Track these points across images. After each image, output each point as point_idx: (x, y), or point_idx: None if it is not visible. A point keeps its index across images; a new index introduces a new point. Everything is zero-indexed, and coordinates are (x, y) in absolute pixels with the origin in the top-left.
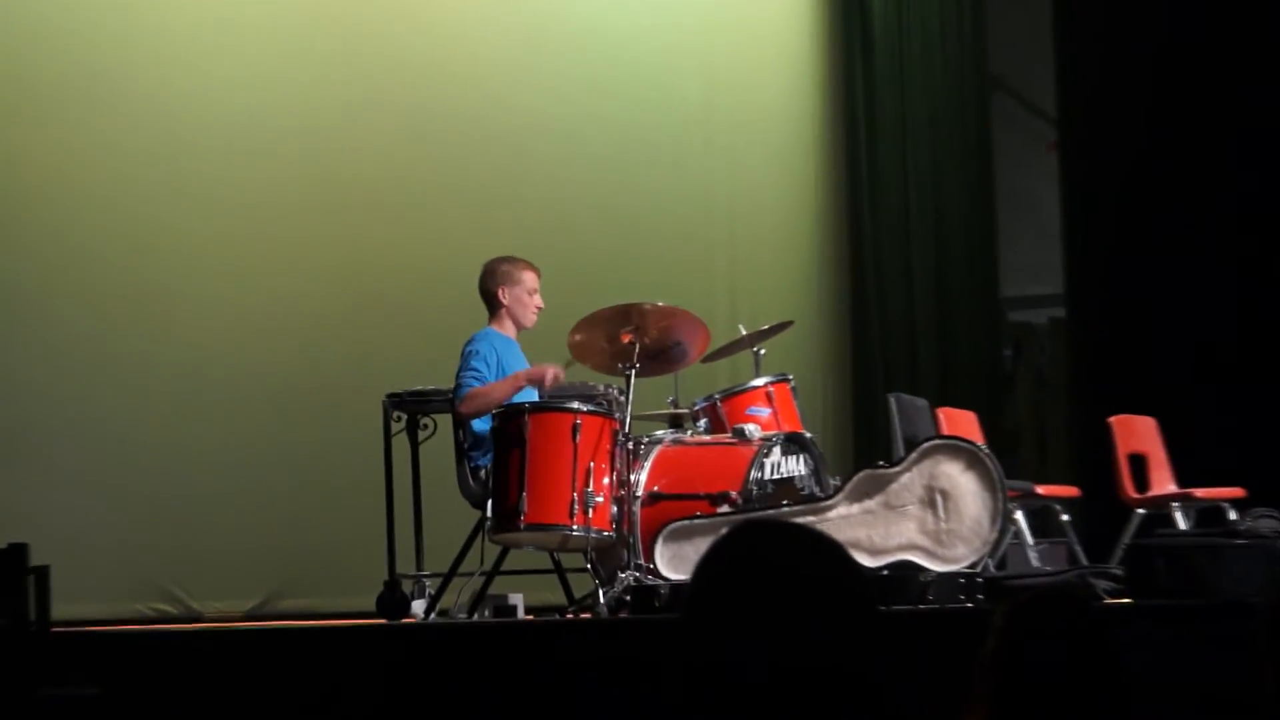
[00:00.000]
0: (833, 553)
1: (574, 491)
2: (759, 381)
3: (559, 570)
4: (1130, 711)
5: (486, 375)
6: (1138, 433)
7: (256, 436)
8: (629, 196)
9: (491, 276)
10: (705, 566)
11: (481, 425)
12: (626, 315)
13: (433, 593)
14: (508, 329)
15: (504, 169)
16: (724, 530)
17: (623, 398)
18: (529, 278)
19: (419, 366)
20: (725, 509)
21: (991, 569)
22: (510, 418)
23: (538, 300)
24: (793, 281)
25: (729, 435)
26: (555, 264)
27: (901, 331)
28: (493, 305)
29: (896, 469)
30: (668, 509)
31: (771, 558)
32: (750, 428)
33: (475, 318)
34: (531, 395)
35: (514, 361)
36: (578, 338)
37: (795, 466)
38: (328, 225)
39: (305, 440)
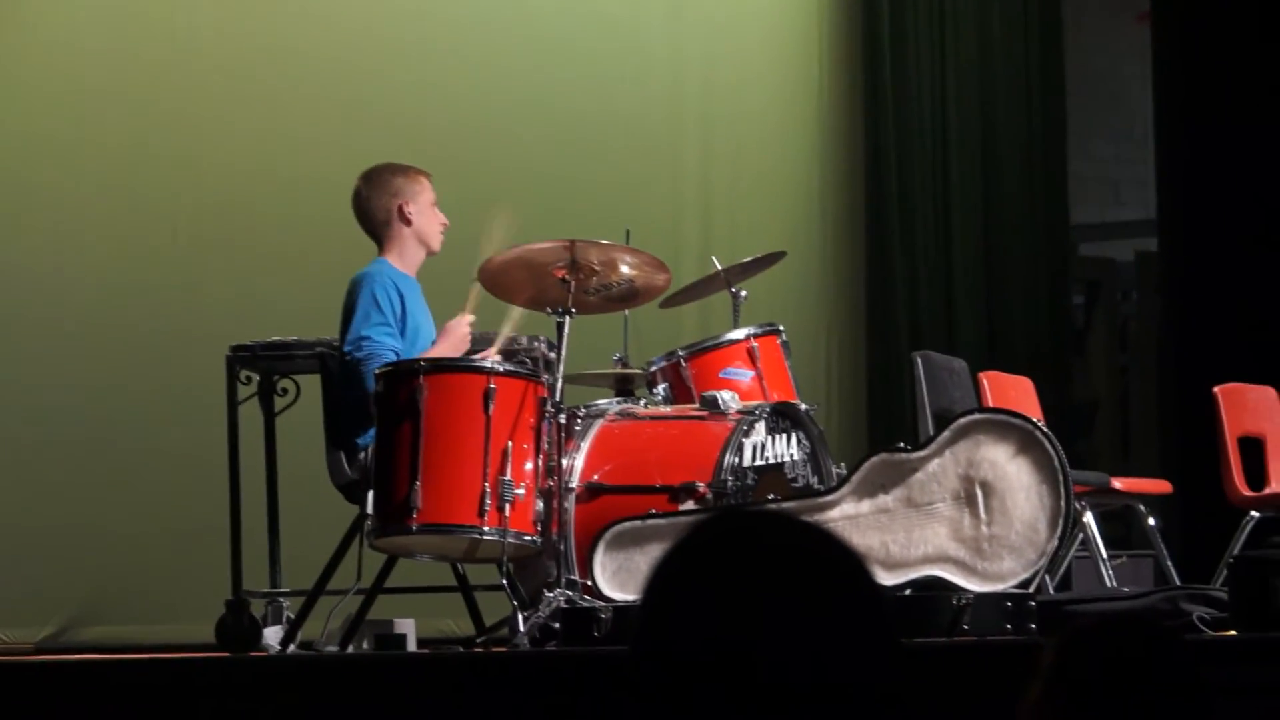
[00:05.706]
0: (844, 558)
1: (485, 481)
2: (738, 334)
3: (464, 588)
4: None
5: (396, 331)
6: (1252, 408)
7: (51, 404)
8: (569, 90)
9: (384, 190)
10: (664, 571)
11: (360, 389)
12: (559, 251)
13: (292, 616)
14: (407, 262)
15: (391, 46)
16: (691, 524)
17: (553, 354)
18: (428, 187)
19: (276, 312)
20: (690, 506)
21: (1050, 589)
22: (398, 380)
23: (440, 215)
24: (786, 201)
25: (696, 406)
26: (464, 182)
27: (932, 270)
28: (386, 231)
29: (923, 454)
30: (611, 506)
31: (758, 560)
32: (725, 396)
33: (353, 249)
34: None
35: (417, 308)
36: (491, 262)
37: (786, 449)
38: (152, 125)
39: (120, 410)
